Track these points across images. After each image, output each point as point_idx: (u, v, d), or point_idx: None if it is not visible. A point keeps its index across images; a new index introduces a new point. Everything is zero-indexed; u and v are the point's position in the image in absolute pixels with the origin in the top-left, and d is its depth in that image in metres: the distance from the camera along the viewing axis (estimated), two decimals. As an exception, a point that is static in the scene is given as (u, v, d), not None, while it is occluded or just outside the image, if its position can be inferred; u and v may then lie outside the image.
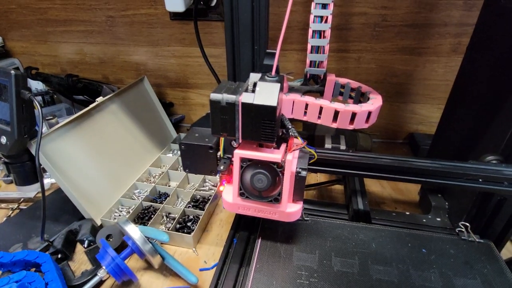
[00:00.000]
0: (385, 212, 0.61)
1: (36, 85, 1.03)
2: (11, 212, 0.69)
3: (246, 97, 0.34)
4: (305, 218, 0.47)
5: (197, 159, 0.45)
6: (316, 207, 0.61)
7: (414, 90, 0.87)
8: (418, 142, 0.87)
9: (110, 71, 1.02)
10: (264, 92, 0.34)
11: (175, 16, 0.88)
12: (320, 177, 0.79)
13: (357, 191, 0.61)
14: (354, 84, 0.53)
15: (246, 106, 0.35)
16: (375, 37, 0.81)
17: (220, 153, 0.44)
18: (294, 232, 0.47)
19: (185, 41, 0.92)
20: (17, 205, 0.70)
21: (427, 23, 0.78)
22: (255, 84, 0.35)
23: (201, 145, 0.44)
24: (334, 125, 0.46)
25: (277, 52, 0.35)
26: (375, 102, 0.46)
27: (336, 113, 0.45)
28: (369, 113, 0.45)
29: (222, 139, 0.43)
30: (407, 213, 0.61)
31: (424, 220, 0.58)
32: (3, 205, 0.70)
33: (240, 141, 0.38)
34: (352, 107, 0.44)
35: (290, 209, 0.39)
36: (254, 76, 0.37)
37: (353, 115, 0.45)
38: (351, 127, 0.46)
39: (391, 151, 0.92)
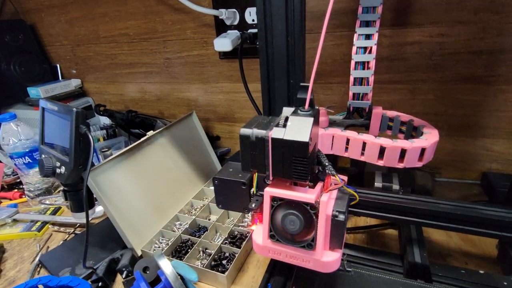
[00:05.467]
0: (451, 268, 0.50)
1: (104, 120, 1.16)
2: (67, 236, 0.74)
3: (276, 132, 0.33)
4: (347, 269, 0.41)
5: (230, 195, 0.44)
6: (363, 254, 0.54)
7: (484, 123, 0.76)
8: (493, 183, 0.74)
9: (165, 107, 1.11)
10: (295, 127, 0.32)
11: (224, 55, 0.93)
12: (370, 219, 0.71)
13: (413, 239, 0.53)
14: (405, 117, 0.48)
15: (277, 142, 0.33)
16: (432, 66, 0.75)
17: (253, 189, 0.42)
18: (333, 285, 0.41)
19: (233, 78, 0.96)
20: (73, 230, 0.76)
21: (496, 49, 0.69)
22: (286, 119, 0.33)
23: (233, 181, 0.42)
24: (381, 163, 0.41)
25: (310, 85, 0.33)
26: (430, 137, 0.41)
27: (383, 150, 0.41)
28: (423, 150, 0.40)
29: (255, 175, 0.41)
30: (481, 271, 0.50)
31: (505, 283, 0.46)
32: (62, 229, 0.76)
33: (271, 178, 0.35)
34: (401, 143, 0.39)
35: (326, 258, 0.34)
36: (287, 110, 0.35)
37: (403, 151, 0.40)
38: (401, 165, 0.41)
39: (459, 192, 0.80)
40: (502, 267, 0.54)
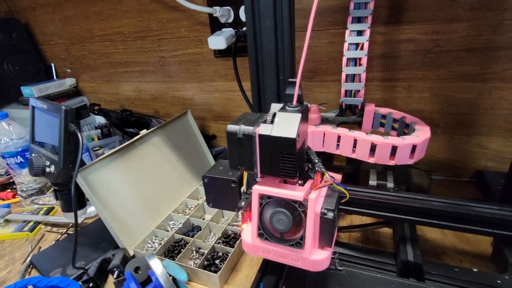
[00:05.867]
0: (444, 267, 0.50)
1: (99, 119, 1.16)
2: (60, 236, 0.73)
3: (263, 129, 0.32)
4: (339, 267, 0.41)
5: (220, 193, 0.43)
6: (357, 253, 0.53)
7: (479, 121, 0.76)
8: (488, 182, 0.73)
9: (160, 106, 1.10)
10: (283, 123, 0.32)
11: (219, 53, 0.92)
12: (365, 218, 0.71)
13: (407, 238, 0.52)
14: (397, 114, 0.47)
15: (264, 138, 0.32)
16: (427, 64, 0.74)
17: (243, 187, 0.42)
18: (324, 284, 0.40)
19: (228, 76, 0.95)
20: (66, 230, 0.75)
21: (491, 46, 0.69)
22: (274, 115, 0.33)
23: (223, 179, 0.42)
24: (372, 160, 0.41)
25: (298, 80, 0.32)
26: (421, 134, 0.40)
27: (374, 147, 0.40)
28: (414, 147, 0.39)
29: (245, 173, 0.41)
30: (475, 269, 0.49)
31: (499, 281, 0.46)
32: (54, 229, 0.76)
33: (259, 175, 0.35)
34: (392, 140, 0.39)
35: (315, 257, 0.34)
36: (275, 107, 0.35)
37: (394, 148, 0.39)
38: (392, 162, 0.40)
39: (455, 191, 0.79)
40: (496, 265, 0.54)
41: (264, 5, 0.35)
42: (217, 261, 0.59)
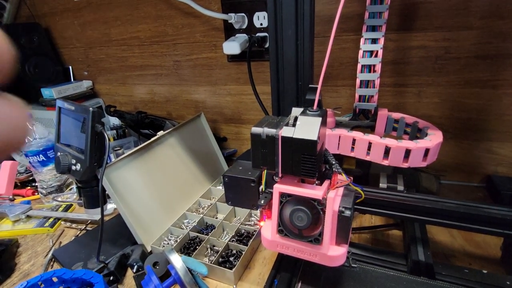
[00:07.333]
0: (454, 268, 0.51)
1: (114, 120, 1.19)
2: (79, 232, 0.76)
3: (286, 131, 0.34)
4: (353, 265, 0.42)
5: (239, 192, 0.46)
6: (368, 253, 0.55)
7: (489, 126, 0.77)
8: (497, 186, 0.74)
9: (173, 108, 1.13)
10: (304, 126, 0.34)
11: (232, 58, 0.95)
12: (375, 220, 0.72)
13: (417, 238, 0.54)
14: (410, 119, 0.49)
15: (286, 140, 0.34)
16: (437, 70, 0.76)
17: (262, 187, 0.44)
18: (339, 280, 0.42)
19: (240, 80, 0.98)
20: (84, 226, 0.78)
21: (502, 54, 0.70)
22: (296, 118, 0.35)
23: (243, 178, 0.44)
24: (386, 163, 0.43)
25: (319, 86, 0.34)
26: (434, 138, 0.42)
27: (388, 150, 0.42)
28: (427, 150, 0.41)
29: (264, 173, 0.43)
30: (485, 271, 0.51)
31: (508, 283, 0.47)
32: (73, 225, 0.79)
33: (280, 175, 0.37)
34: (406, 143, 0.41)
35: (332, 252, 0.36)
36: (296, 111, 0.37)
37: (407, 152, 0.41)
38: (405, 165, 0.42)
39: (463, 195, 0.80)
40: (505, 268, 0.55)
41: (287, 15, 0.37)
42: (231, 259, 0.61)
